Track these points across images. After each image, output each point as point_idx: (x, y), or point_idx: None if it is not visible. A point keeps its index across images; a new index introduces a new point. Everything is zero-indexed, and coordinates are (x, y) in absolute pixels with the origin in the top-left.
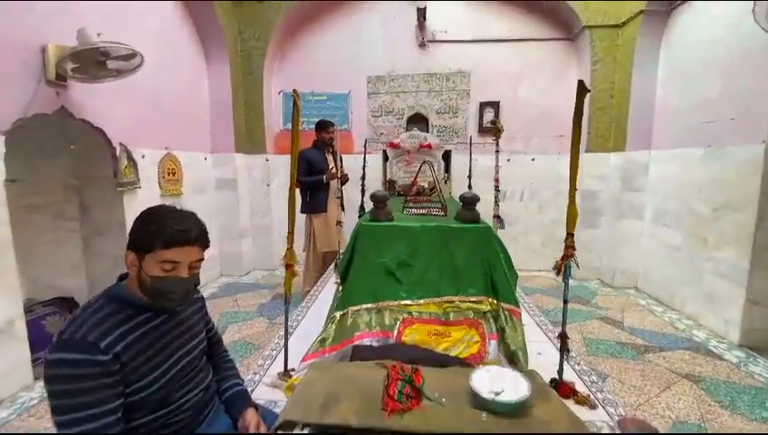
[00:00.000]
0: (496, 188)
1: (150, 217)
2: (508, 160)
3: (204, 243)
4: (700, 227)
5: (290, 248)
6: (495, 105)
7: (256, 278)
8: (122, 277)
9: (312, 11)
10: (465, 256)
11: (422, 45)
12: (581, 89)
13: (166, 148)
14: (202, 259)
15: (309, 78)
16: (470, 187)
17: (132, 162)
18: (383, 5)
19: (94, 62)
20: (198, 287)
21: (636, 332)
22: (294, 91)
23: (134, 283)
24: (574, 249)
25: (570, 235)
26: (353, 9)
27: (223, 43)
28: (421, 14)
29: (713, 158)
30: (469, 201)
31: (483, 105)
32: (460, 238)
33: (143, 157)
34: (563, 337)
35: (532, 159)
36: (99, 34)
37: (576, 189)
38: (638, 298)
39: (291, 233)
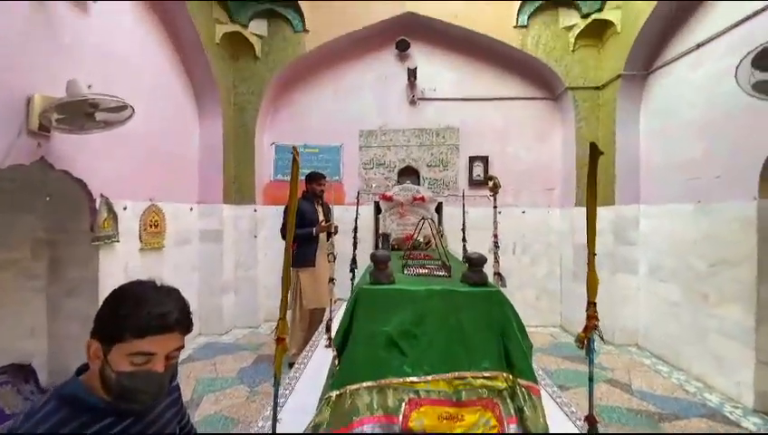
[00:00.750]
0: (495, 244)
1: (122, 298)
2: (500, 213)
3: (186, 327)
4: (698, 282)
5: (282, 319)
6: (484, 159)
7: (237, 338)
8: (80, 370)
9: (305, 69)
10: (476, 323)
11: (413, 102)
12: (594, 151)
13: (150, 199)
14: (182, 347)
15: (301, 131)
16: (464, 239)
17: (112, 214)
18: (376, 66)
19: (82, 113)
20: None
21: (646, 396)
22: (294, 148)
23: (95, 379)
24: (598, 320)
25: (592, 304)
26: (346, 68)
27: (217, 96)
28: (412, 73)
29: (703, 213)
30: (476, 262)
31: (472, 159)
32: (469, 304)
33: (125, 209)
34: (592, 420)
35: (523, 212)
36: (89, 86)
37: (595, 254)
38: (642, 357)
39: (284, 300)
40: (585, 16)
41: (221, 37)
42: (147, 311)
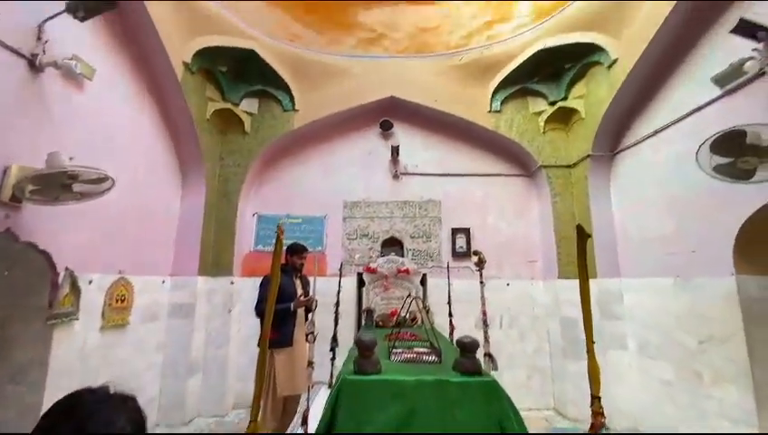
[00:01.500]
0: (484, 322)
1: (65, 413)
2: (483, 284)
3: None
4: (690, 360)
5: (254, 421)
6: (466, 231)
7: (200, 428)
8: None
9: (293, 144)
10: (472, 420)
11: (396, 177)
12: (581, 233)
13: (120, 272)
14: None
15: (285, 202)
16: (450, 314)
17: (75, 290)
18: (361, 143)
19: (59, 184)
20: None
21: None
22: (279, 226)
23: None
24: (604, 417)
25: (596, 398)
26: (332, 145)
27: (202, 168)
28: (395, 151)
29: (683, 289)
30: (469, 348)
31: (455, 231)
32: (464, 397)
33: (90, 283)
34: None
35: (507, 284)
36: (71, 158)
37: (593, 342)
38: None
39: (257, 399)
40: (552, 103)
41: (212, 113)
42: (93, 424)
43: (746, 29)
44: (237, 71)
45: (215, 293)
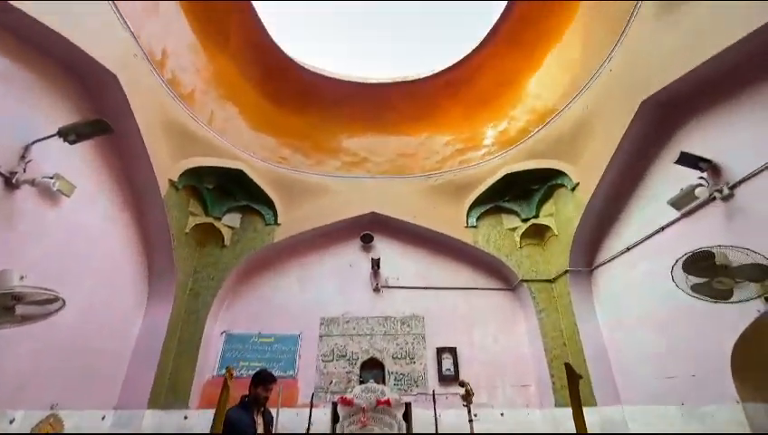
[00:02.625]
0: None
1: None
2: (475, 416)
3: None
4: None
5: None
6: (453, 351)
7: None
8: None
9: (272, 257)
10: None
11: (376, 290)
12: (571, 374)
13: (52, 406)
14: None
15: (258, 318)
16: None
17: None
18: (341, 255)
19: (1, 306)
20: None
21: None
22: (228, 370)
23: None
24: None
25: None
26: (312, 257)
27: (173, 282)
28: (375, 263)
29: (691, 417)
30: None
31: (440, 351)
32: None
33: (11, 422)
34: None
35: (501, 414)
36: (22, 277)
37: None
38: None
39: None
40: (525, 221)
41: (192, 227)
42: None
43: (688, 160)
44: (223, 188)
45: (163, 429)
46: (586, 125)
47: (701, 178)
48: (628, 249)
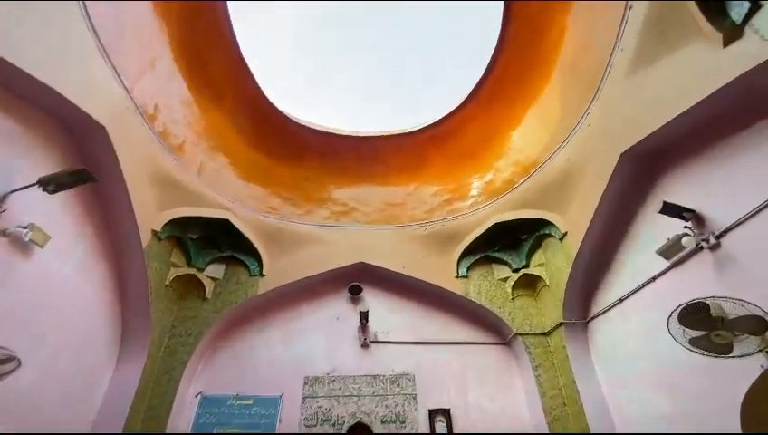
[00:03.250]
0: None
1: None
2: None
3: None
4: None
5: None
6: (446, 413)
7: None
8: None
9: (254, 311)
10: None
11: (364, 346)
12: None
13: None
14: None
15: (236, 378)
16: None
17: None
18: (328, 308)
19: None
20: None
21: None
22: None
23: None
24: None
25: None
26: (298, 310)
27: (147, 339)
28: (363, 316)
29: None
30: None
31: (432, 413)
32: None
33: None
34: None
35: None
36: None
37: None
38: None
39: None
40: (515, 271)
41: (172, 279)
42: None
43: (671, 210)
44: (208, 238)
45: None
46: (570, 176)
47: (686, 227)
48: (621, 301)
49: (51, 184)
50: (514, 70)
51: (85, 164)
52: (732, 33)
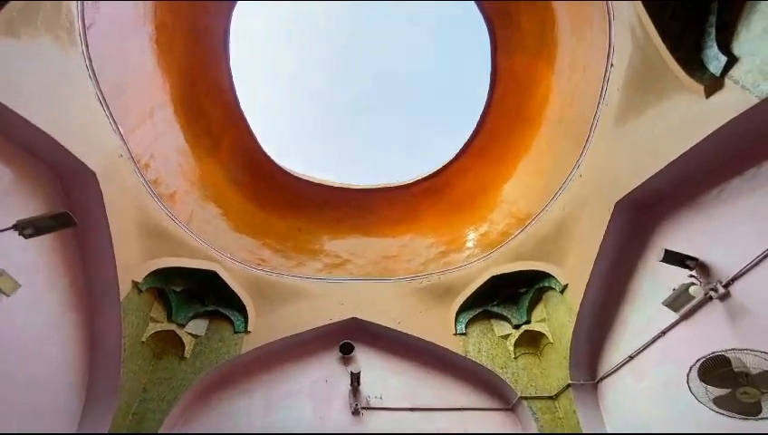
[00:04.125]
0: None
1: None
2: None
3: None
4: None
5: None
6: None
7: None
8: None
9: (237, 372)
10: None
11: (356, 413)
12: None
13: None
14: None
15: None
16: None
17: None
18: (316, 369)
19: None
20: None
21: None
22: None
23: None
24: None
25: None
26: (284, 371)
27: (114, 402)
28: (355, 378)
29: None
30: None
31: None
32: None
33: None
34: None
35: None
36: None
37: None
38: None
39: None
40: (516, 327)
41: (150, 335)
42: None
43: (673, 258)
44: (192, 291)
45: None
46: (566, 227)
47: (691, 276)
48: (632, 358)
49: (29, 228)
50: (504, 126)
51: (69, 210)
52: (713, 84)
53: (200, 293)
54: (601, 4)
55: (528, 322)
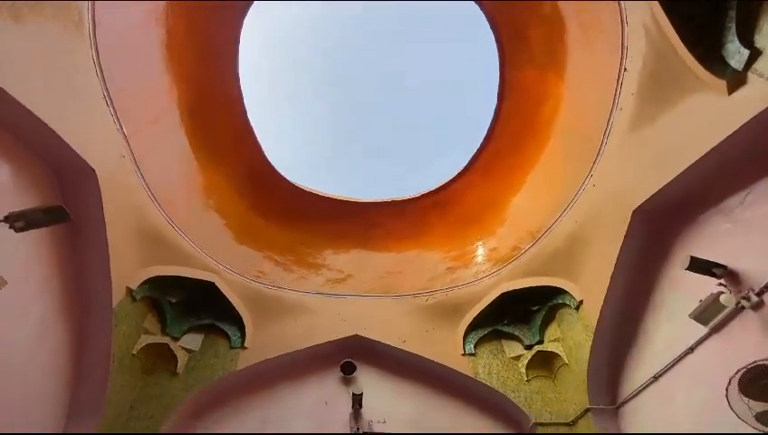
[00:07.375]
0: None
1: None
2: None
3: None
4: None
5: None
6: None
7: None
8: None
9: (231, 390)
10: None
11: None
12: None
13: None
14: None
15: None
16: None
17: None
18: (316, 389)
19: None
20: None
21: None
22: None
23: None
24: None
25: None
26: (281, 391)
27: (97, 419)
28: (357, 400)
29: None
30: None
31: None
32: None
33: None
34: None
35: None
36: None
37: None
38: None
39: None
40: (528, 347)
41: (141, 348)
42: None
43: (700, 266)
44: (188, 303)
45: None
46: (580, 239)
47: (720, 284)
48: (656, 378)
49: (20, 221)
50: (512, 138)
51: (66, 208)
52: (735, 79)
53: (197, 305)
54: (613, 8)
55: (541, 342)
